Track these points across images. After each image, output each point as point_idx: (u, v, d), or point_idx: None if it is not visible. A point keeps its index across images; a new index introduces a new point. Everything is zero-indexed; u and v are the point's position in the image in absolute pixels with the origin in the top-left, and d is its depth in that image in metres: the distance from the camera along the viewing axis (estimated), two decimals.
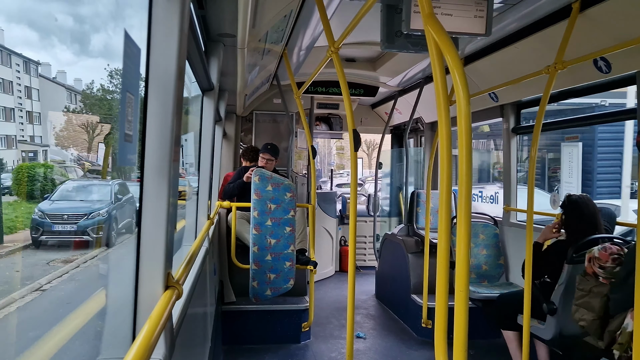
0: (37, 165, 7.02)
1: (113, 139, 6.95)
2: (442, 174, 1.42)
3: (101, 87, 7.24)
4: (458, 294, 1.35)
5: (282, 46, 4.09)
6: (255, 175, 4.44)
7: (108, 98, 7.31)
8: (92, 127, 7.99)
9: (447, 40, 1.40)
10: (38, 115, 8.22)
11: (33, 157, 7.39)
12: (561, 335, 3.50)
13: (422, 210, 6.03)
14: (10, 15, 8.26)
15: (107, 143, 7.29)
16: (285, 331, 5.02)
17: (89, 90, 7.59)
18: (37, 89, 8.42)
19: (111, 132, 6.99)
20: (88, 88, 7.55)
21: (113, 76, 6.88)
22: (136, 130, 1.61)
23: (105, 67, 7.36)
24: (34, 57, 11.40)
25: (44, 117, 8.19)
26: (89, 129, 8.03)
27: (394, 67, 5.68)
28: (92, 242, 6.11)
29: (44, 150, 7.70)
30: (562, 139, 10.94)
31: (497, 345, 4.28)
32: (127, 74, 1.57)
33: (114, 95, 7.10)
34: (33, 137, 7.97)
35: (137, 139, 1.60)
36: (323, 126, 8.25)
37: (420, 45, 2.33)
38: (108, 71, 7.05)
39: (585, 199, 3.70)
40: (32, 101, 8.19)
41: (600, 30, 3.17)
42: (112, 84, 7.10)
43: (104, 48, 11.06)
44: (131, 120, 1.57)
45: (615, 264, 3.02)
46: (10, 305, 4.22)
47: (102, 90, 7.18)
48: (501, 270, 5.15)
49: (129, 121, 1.56)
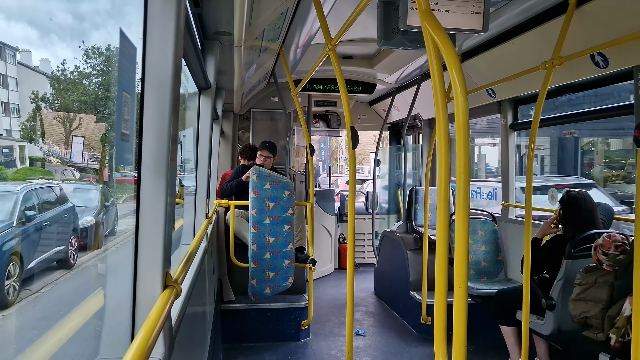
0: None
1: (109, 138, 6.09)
2: (440, 170, 1.42)
3: (75, 68, 5.98)
4: (457, 290, 1.35)
5: (279, 44, 4.08)
6: (254, 173, 4.43)
7: (84, 82, 6.16)
8: (69, 120, 6.85)
9: (444, 36, 1.40)
10: (17, 107, 7.41)
11: (8, 152, 6.38)
12: (560, 330, 3.51)
13: (420, 207, 6.03)
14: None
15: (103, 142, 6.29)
16: (284, 329, 5.02)
17: (60, 73, 6.27)
18: (15, 77, 7.75)
19: (107, 132, 6.16)
20: (59, 70, 6.29)
21: (90, 55, 5.79)
22: (133, 129, 1.60)
23: (80, 45, 6.30)
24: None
25: (24, 109, 7.32)
26: (65, 122, 6.94)
27: (391, 64, 5.67)
28: None
29: (20, 146, 6.59)
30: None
31: (496, 341, 4.29)
32: (123, 73, 1.56)
33: (92, 79, 6.14)
34: (10, 131, 7.25)
35: (134, 138, 1.59)
36: (321, 124, 8.24)
37: (418, 42, 2.32)
38: (83, 49, 5.79)
39: (583, 194, 3.71)
40: (8, 91, 7.53)
41: (598, 26, 3.17)
42: (88, 64, 5.96)
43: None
44: (128, 119, 1.57)
45: (618, 252, 3.07)
46: None
47: (78, 74, 6.01)
48: (500, 267, 5.15)
49: (125, 120, 1.55)
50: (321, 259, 7.29)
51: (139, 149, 1.48)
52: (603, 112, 4.02)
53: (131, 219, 1.63)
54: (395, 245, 5.98)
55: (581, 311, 3.13)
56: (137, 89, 1.58)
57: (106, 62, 5.82)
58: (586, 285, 3.16)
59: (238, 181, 5.26)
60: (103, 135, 6.13)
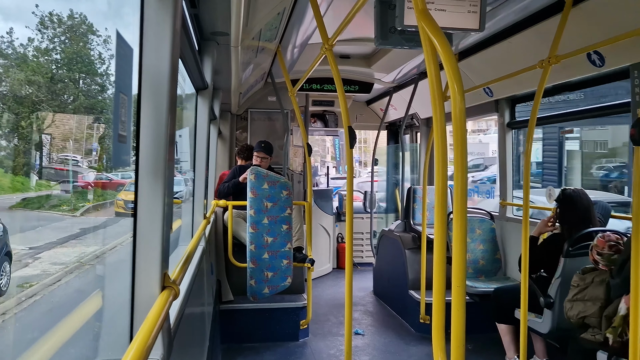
0: None
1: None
2: (438, 169, 1.42)
3: (29, 41, 4.00)
4: (455, 289, 1.35)
5: (276, 44, 4.08)
6: (251, 173, 4.43)
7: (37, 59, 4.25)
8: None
9: (440, 36, 1.40)
10: None
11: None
12: (558, 328, 3.52)
13: (418, 206, 6.04)
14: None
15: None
16: (283, 329, 5.02)
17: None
18: None
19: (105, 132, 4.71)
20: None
21: (46, 25, 4.15)
22: (130, 130, 1.60)
23: (34, 11, 4.05)
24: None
25: None
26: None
27: (388, 64, 5.67)
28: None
29: None
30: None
31: (495, 339, 4.30)
32: (120, 74, 1.56)
33: (52, 55, 4.34)
34: None
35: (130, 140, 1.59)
36: (318, 123, 8.24)
37: (415, 41, 2.32)
38: (38, 16, 4.07)
39: (579, 192, 3.72)
40: None
41: (594, 24, 3.18)
42: (45, 37, 4.18)
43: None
44: (125, 121, 1.56)
45: (612, 252, 3.08)
46: None
47: (35, 50, 4.11)
48: (498, 265, 5.17)
49: (122, 122, 1.55)
50: (320, 258, 7.29)
51: (136, 150, 1.48)
52: (600, 111, 4.03)
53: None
54: (393, 244, 5.99)
55: (579, 311, 3.14)
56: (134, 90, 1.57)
57: (68, 33, 4.29)
58: (583, 285, 3.17)
59: (235, 182, 5.26)
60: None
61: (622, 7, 2.95)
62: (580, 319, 3.14)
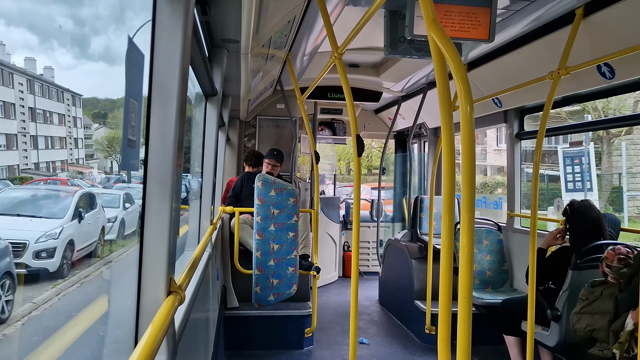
0: None
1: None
2: (445, 179, 1.42)
3: None
4: (461, 300, 1.34)
5: (286, 51, 4.10)
6: (259, 180, 4.44)
7: None
8: None
9: (450, 46, 1.40)
10: None
11: None
12: (565, 342, 3.47)
13: (425, 216, 6.02)
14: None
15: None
16: (288, 337, 5.00)
17: None
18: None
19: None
20: None
21: None
22: (139, 135, 1.61)
23: None
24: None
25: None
26: None
27: (397, 73, 5.68)
28: None
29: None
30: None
31: (501, 352, 4.25)
32: (131, 79, 1.57)
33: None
34: None
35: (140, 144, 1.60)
36: (326, 131, 8.25)
37: (424, 51, 2.33)
38: None
39: (586, 204, 3.69)
40: None
41: (604, 36, 3.17)
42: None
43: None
44: (134, 125, 1.58)
45: (622, 265, 3.04)
46: None
47: None
48: (505, 276, 5.12)
49: (132, 127, 1.56)
50: (325, 266, 7.27)
51: (145, 155, 1.49)
52: (611, 122, 4.01)
53: None
54: (399, 253, 5.96)
55: (587, 324, 3.10)
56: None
57: None
58: (592, 298, 3.14)
59: (237, 195, 5.45)
60: None
61: (633, 19, 2.94)
62: (588, 332, 3.10)
